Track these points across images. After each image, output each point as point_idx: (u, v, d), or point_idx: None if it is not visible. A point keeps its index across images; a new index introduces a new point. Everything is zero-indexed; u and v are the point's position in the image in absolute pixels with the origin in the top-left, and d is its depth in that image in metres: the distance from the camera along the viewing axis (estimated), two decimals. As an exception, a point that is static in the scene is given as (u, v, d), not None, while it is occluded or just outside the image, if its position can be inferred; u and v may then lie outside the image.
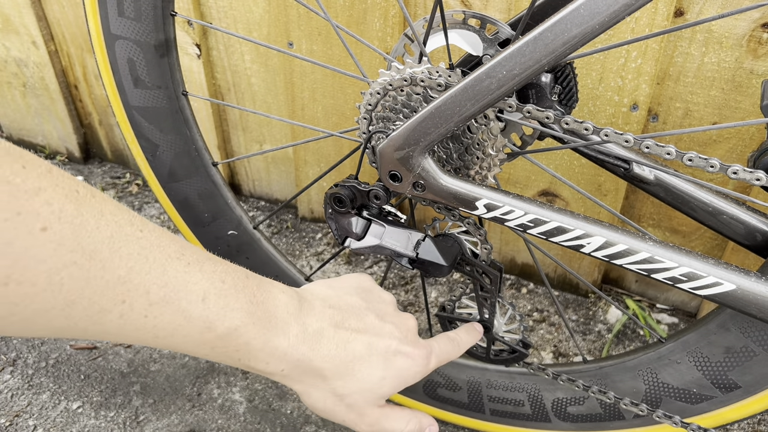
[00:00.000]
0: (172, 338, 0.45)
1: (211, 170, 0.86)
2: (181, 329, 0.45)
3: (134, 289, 0.41)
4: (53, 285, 0.36)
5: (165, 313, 0.43)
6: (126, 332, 0.42)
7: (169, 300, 0.43)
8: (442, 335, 0.65)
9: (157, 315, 0.43)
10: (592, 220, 0.55)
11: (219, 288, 0.47)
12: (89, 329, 0.40)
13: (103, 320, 0.40)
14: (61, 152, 1.54)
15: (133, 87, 0.78)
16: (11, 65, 1.42)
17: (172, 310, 0.43)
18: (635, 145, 0.51)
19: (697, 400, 0.68)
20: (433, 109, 0.54)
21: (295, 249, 1.28)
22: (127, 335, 0.43)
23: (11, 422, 0.92)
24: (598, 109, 0.92)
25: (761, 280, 0.51)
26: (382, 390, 0.56)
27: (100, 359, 1.02)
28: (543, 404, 0.80)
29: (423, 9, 0.97)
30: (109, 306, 0.40)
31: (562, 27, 0.47)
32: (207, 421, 0.93)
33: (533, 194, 1.06)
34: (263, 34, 1.12)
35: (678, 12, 0.83)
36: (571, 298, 1.16)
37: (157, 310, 0.43)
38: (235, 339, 0.48)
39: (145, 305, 0.42)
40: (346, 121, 1.13)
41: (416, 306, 1.14)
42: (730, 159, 0.91)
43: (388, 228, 0.63)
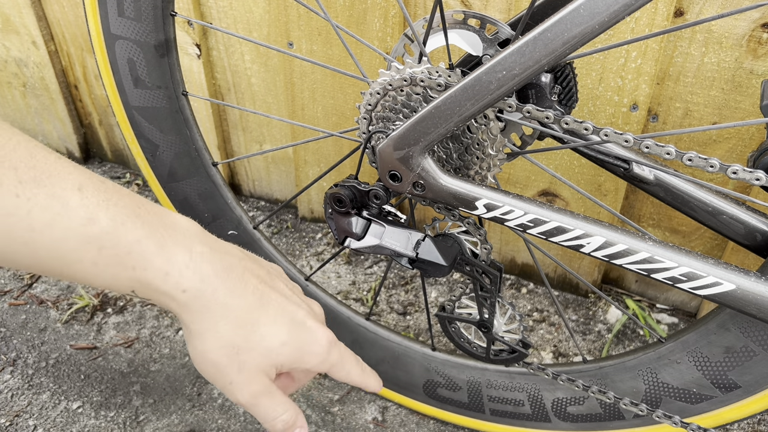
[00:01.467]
0: (50, 231, 0.40)
1: (211, 170, 0.86)
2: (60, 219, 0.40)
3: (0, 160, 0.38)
4: None
5: (38, 195, 0.39)
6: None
7: (40, 182, 0.40)
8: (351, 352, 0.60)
9: (30, 197, 0.39)
10: (591, 220, 0.55)
11: (97, 185, 0.43)
12: None
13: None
14: (61, 152, 1.54)
15: (133, 87, 0.78)
16: (11, 65, 1.42)
17: (45, 194, 0.40)
18: (635, 145, 0.51)
19: (697, 400, 0.68)
20: (432, 109, 0.55)
21: (295, 249, 1.28)
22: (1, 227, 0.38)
23: (11, 422, 0.92)
24: (597, 109, 0.92)
25: (761, 280, 0.51)
26: (279, 357, 0.51)
27: (100, 359, 1.02)
28: (543, 404, 0.80)
29: (423, 9, 0.97)
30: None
31: (561, 27, 0.47)
32: (207, 421, 0.93)
33: (533, 194, 1.06)
34: (263, 34, 1.12)
35: (678, 12, 0.83)
36: (571, 298, 1.16)
37: (29, 191, 0.39)
38: (124, 235, 0.43)
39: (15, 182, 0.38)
40: (346, 121, 1.13)
41: (416, 306, 1.14)
42: (730, 159, 0.91)
43: (388, 228, 0.63)
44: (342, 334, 0.91)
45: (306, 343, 0.53)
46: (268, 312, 0.51)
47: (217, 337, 0.49)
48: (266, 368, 0.52)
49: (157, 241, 0.45)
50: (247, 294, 0.50)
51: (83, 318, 1.10)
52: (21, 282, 1.17)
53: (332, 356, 0.56)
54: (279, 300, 0.53)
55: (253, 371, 0.51)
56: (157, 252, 0.45)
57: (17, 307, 1.12)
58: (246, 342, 0.50)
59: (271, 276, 0.55)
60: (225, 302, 0.48)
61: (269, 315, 0.51)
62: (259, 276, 0.52)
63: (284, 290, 0.55)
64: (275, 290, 0.53)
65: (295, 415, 0.55)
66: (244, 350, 0.50)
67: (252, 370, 0.51)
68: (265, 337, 0.51)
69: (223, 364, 0.49)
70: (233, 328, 0.49)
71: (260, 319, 0.50)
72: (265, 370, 0.51)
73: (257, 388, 0.51)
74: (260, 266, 0.55)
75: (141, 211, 0.45)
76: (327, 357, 0.55)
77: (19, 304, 1.13)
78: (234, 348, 0.49)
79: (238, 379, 0.50)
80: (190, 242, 0.47)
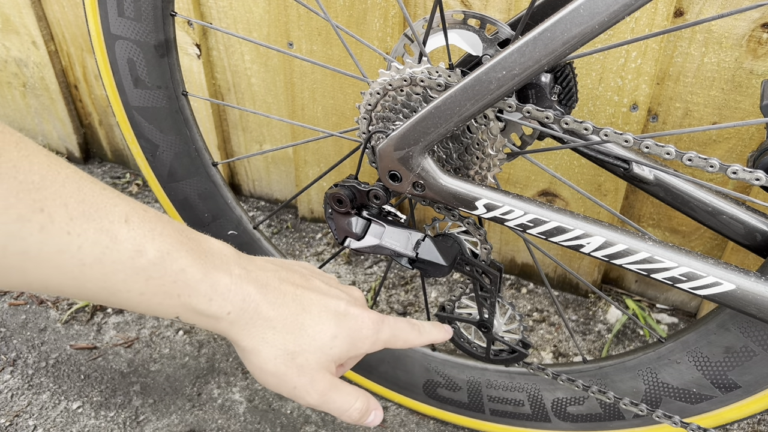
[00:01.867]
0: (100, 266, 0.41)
1: (211, 170, 0.86)
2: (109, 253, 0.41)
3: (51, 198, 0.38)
4: None
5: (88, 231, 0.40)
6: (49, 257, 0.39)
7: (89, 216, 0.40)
8: (399, 317, 0.62)
9: (80, 233, 0.39)
10: (591, 220, 0.55)
11: (141, 214, 0.44)
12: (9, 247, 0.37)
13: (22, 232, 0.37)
14: (61, 152, 1.54)
15: (133, 87, 0.78)
16: (11, 65, 1.42)
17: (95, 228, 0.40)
18: (635, 145, 0.51)
19: (697, 399, 0.68)
20: (432, 109, 0.55)
21: (295, 249, 1.28)
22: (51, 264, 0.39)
23: (11, 422, 0.92)
24: (597, 109, 0.92)
25: (761, 280, 0.51)
26: (333, 351, 0.53)
27: (100, 359, 1.02)
28: (543, 404, 0.80)
29: (423, 9, 0.97)
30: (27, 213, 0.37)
31: (561, 27, 0.47)
32: (207, 421, 0.93)
33: (533, 194, 1.06)
34: (263, 34, 1.12)
35: (678, 12, 0.83)
36: (571, 298, 1.16)
37: (79, 227, 0.39)
38: (170, 265, 0.44)
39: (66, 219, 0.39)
40: (346, 121, 1.13)
41: (416, 306, 1.14)
42: (730, 159, 0.91)
43: (388, 228, 0.63)
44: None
45: (354, 330, 0.55)
46: (312, 312, 0.53)
47: (269, 348, 0.50)
48: (325, 364, 0.53)
49: (201, 267, 0.46)
50: (287, 303, 0.51)
51: (83, 318, 1.10)
52: (21, 282, 1.17)
53: (383, 334, 0.57)
54: (318, 298, 0.54)
55: (313, 371, 0.52)
56: (202, 279, 0.46)
57: (17, 307, 1.12)
58: (298, 345, 0.51)
59: (305, 277, 0.56)
60: (268, 315, 0.50)
61: (313, 315, 0.52)
62: (294, 282, 0.54)
63: (321, 287, 0.56)
64: (312, 290, 0.55)
65: (366, 400, 0.56)
66: (298, 353, 0.51)
67: (312, 370, 0.52)
68: (315, 336, 0.52)
69: (282, 371, 0.51)
70: (282, 335, 0.50)
71: (305, 321, 0.52)
72: (324, 366, 0.53)
73: (322, 385, 0.52)
74: (293, 271, 0.56)
75: (183, 238, 0.46)
76: (378, 337, 0.56)
77: (19, 304, 1.13)
78: (288, 354, 0.51)
79: (300, 382, 0.52)
80: (228, 266, 0.49)
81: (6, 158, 0.36)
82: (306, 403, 0.53)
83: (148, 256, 0.43)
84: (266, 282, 0.51)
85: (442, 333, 0.65)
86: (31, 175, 0.38)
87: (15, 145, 0.38)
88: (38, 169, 0.38)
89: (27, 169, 0.38)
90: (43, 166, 0.39)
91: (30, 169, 0.38)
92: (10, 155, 0.37)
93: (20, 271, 0.39)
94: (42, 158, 0.39)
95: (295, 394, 0.52)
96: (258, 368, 0.51)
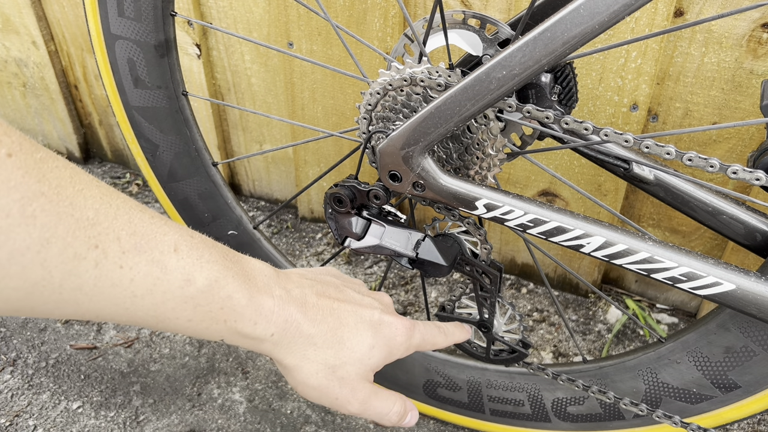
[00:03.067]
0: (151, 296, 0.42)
1: (211, 170, 0.86)
2: (160, 284, 0.42)
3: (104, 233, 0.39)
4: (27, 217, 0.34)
5: (140, 263, 0.41)
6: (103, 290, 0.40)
7: (141, 249, 0.41)
8: (428, 321, 0.64)
9: (132, 266, 0.41)
10: (591, 220, 0.55)
11: (189, 241, 0.45)
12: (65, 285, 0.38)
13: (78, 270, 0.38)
14: (62, 152, 1.54)
15: (133, 87, 0.78)
16: (11, 65, 1.42)
17: (146, 260, 0.41)
18: (635, 145, 0.51)
19: (697, 399, 0.68)
20: (432, 109, 0.55)
21: (295, 249, 1.28)
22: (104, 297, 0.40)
23: (11, 422, 0.92)
24: (597, 109, 0.92)
25: (761, 280, 0.51)
26: (371, 360, 0.55)
27: (100, 359, 1.02)
28: (543, 404, 0.80)
29: (423, 9, 0.97)
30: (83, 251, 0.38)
31: (561, 27, 0.47)
32: (207, 421, 0.93)
33: (533, 194, 1.06)
34: (263, 34, 1.12)
35: (678, 12, 0.83)
36: (571, 298, 1.16)
37: (131, 260, 0.40)
38: (217, 292, 0.46)
39: (119, 253, 0.40)
40: (346, 121, 1.13)
41: (416, 306, 1.14)
42: (730, 159, 0.91)
43: (388, 228, 0.63)
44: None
45: (390, 339, 0.56)
46: (349, 325, 0.54)
47: (310, 364, 0.52)
48: (364, 374, 0.55)
49: (246, 293, 0.48)
50: (326, 318, 0.53)
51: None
52: (21, 282, 1.17)
53: (414, 340, 0.59)
54: (353, 309, 0.56)
55: (354, 381, 0.54)
56: (247, 304, 0.48)
57: (17, 307, 1.12)
58: (338, 359, 0.53)
59: (339, 289, 0.58)
60: (309, 333, 0.52)
61: (350, 327, 0.54)
62: (329, 295, 0.56)
63: (355, 297, 0.58)
64: (348, 301, 0.56)
65: (403, 403, 0.58)
66: (338, 367, 0.53)
67: (352, 381, 0.54)
68: (353, 348, 0.54)
69: (324, 385, 0.53)
70: (323, 351, 0.52)
71: (344, 335, 0.54)
72: (363, 376, 0.55)
73: (363, 394, 0.55)
74: (327, 284, 0.58)
75: (228, 263, 0.48)
76: (411, 342, 0.58)
77: (19, 304, 1.13)
78: (329, 368, 0.53)
79: (342, 393, 0.54)
80: (270, 288, 0.51)
81: (63, 195, 0.37)
82: (348, 412, 0.55)
83: (197, 284, 0.44)
84: (305, 300, 0.53)
85: (465, 333, 0.69)
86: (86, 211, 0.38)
87: (70, 180, 0.38)
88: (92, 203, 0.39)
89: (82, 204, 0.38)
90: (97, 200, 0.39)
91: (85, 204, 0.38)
92: (66, 192, 0.37)
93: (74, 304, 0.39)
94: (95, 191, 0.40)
95: (337, 404, 0.54)
96: (301, 383, 0.53)
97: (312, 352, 0.52)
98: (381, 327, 0.56)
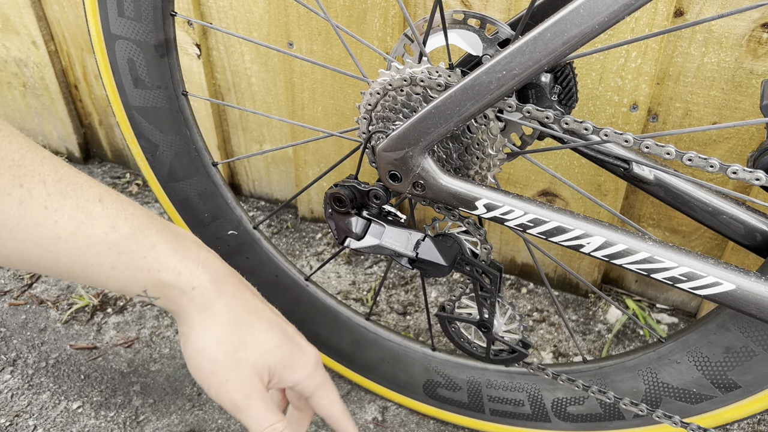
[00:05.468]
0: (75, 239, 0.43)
1: (211, 170, 0.86)
2: (84, 228, 0.44)
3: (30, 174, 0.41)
4: None
5: (65, 207, 0.43)
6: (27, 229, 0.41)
7: (66, 194, 0.43)
8: None
9: (57, 208, 0.42)
10: (591, 220, 0.55)
11: (114, 197, 0.47)
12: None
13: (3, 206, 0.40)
14: (62, 152, 1.54)
15: (133, 87, 0.78)
16: (11, 65, 1.42)
17: (71, 205, 0.43)
18: (635, 144, 0.51)
19: (697, 399, 0.68)
20: (432, 108, 0.55)
21: (295, 249, 1.28)
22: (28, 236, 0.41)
23: (11, 422, 0.92)
24: (597, 109, 0.92)
25: (761, 280, 0.51)
26: (272, 359, 0.53)
27: (100, 359, 1.02)
28: (543, 404, 0.80)
29: (423, 9, 0.97)
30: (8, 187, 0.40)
31: (561, 27, 0.47)
32: (207, 421, 0.93)
33: (533, 194, 1.06)
34: (263, 34, 1.12)
35: (678, 12, 0.83)
36: (571, 298, 1.16)
37: (56, 203, 0.42)
38: (142, 240, 0.47)
39: (44, 195, 0.42)
40: (346, 121, 1.13)
41: (416, 306, 1.14)
42: (730, 159, 0.91)
43: (388, 228, 0.63)
44: (342, 334, 0.91)
45: (296, 353, 0.56)
46: (262, 318, 0.54)
47: (216, 332, 0.51)
48: (260, 369, 0.53)
49: (171, 245, 0.49)
50: (246, 298, 0.53)
51: (83, 318, 1.10)
52: (21, 282, 1.17)
53: (318, 375, 0.57)
54: (270, 313, 0.56)
55: (248, 370, 0.52)
56: (171, 254, 0.49)
57: (17, 307, 1.12)
58: (243, 341, 0.52)
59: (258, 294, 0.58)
60: (228, 302, 0.51)
61: (263, 321, 0.54)
62: (252, 289, 0.56)
63: (274, 309, 0.59)
64: (266, 305, 0.57)
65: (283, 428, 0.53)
66: (240, 348, 0.51)
67: (248, 369, 0.52)
68: (260, 338, 0.53)
69: (221, 360, 0.51)
70: (233, 326, 0.51)
71: (255, 322, 0.53)
72: (259, 371, 0.52)
73: (250, 389, 0.52)
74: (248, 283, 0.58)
75: (154, 220, 0.49)
76: (315, 372, 0.57)
77: (19, 304, 1.13)
78: (232, 345, 0.51)
79: (234, 376, 0.51)
80: (197, 248, 0.51)
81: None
82: (229, 400, 0.51)
83: (121, 231, 0.46)
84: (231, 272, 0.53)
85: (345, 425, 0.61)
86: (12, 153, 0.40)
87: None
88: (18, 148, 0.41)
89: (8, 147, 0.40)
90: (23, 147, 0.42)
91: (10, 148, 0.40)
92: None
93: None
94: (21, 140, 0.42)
95: (223, 388, 0.51)
96: (197, 350, 0.51)
97: (224, 321, 0.51)
98: (293, 339, 0.56)
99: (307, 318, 0.92)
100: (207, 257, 0.51)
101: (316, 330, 0.92)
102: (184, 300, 0.50)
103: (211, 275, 0.50)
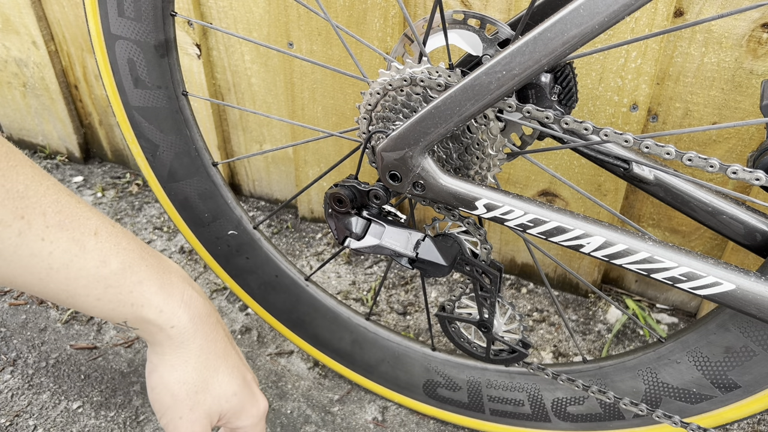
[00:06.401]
0: (66, 271, 0.45)
1: (211, 170, 0.86)
2: (77, 261, 0.45)
3: (31, 206, 0.42)
4: None
5: (61, 239, 0.44)
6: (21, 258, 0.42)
7: (64, 226, 0.44)
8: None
9: (53, 240, 0.44)
10: (591, 220, 0.55)
11: (110, 229, 0.48)
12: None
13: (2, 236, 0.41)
14: (61, 152, 1.54)
15: (133, 87, 0.78)
16: (11, 65, 1.42)
17: (67, 238, 0.45)
18: (635, 145, 0.51)
19: (697, 399, 0.68)
20: (432, 109, 0.55)
21: (295, 249, 1.28)
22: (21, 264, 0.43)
23: (11, 422, 0.92)
24: (597, 109, 0.92)
25: (761, 280, 0.51)
26: (226, 405, 0.56)
27: (100, 359, 1.02)
28: (543, 404, 0.80)
29: (423, 9, 0.97)
30: (9, 219, 0.41)
31: (561, 27, 0.47)
32: (207, 421, 0.93)
33: (533, 194, 1.06)
34: (263, 34, 1.12)
35: (678, 12, 0.83)
36: (571, 298, 1.16)
37: (53, 235, 0.44)
38: (129, 276, 0.48)
39: (42, 227, 0.43)
40: (346, 121, 1.13)
41: (416, 306, 1.14)
42: (730, 159, 0.91)
43: (388, 228, 0.63)
44: (342, 334, 0.91)
45: (249, 402, 0.58)
46: (228, 364, 0.56)
47: (184, 371, 0.53)
48: (213, 413, 0.56)
49: (157, 281, 0.51)
50: (218, 342, 0.55)
51: (83, 318, 1.10)
52: (21, 282, 1.17)
53: (260, 426, 0.60)
54: (236, 358, 0.58)
55: (202, 413, 0.55)
56: (157, 291, 0.51)
57: (17, 307, 1.12)
58: (205, 384, 0.54)
59: (230, 335, 0.60)
60: (201, 344, 0.54)
61: (228, 366, 0.56)
62: (225, 331, 0.58)
63: (239, 352, 0.61)
64: (234, 349, 0.59)
65: None
66: (201, 391, 0.54)
67: (201, 412, 0.55)
68: (222, 384, 0.56)
69: (181, 398, 0.53)
70: (200, 369, 0.54)
71: (221, 367, 0.55)
72: (211, 415, 0.56)
73: (199, 430, 0.55)
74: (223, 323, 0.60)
75: (144, 254, 0.51)
76: (259, 422, 0.60)
77: (20, 304, 1.13)
78: (194, 386, 0.54)
79: (188, 416, 0.54)
80: (182, 285, 0.53)
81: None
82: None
83: (111, 266, 0.47)
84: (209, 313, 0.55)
85: None
86: (17, 185, 0.42)
87: (5, 156, 0.41)
88: (23, 179, 0.42)
89: (14, 178, 0.42)
90: (29, 177, 0.43)
91: (16, 179, 0.42)
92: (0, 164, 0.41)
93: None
94: (27, 170, 0.43)
95: (175, 424, 0.54)
96: (162, 383, 0.53)
97: (193, 363, 0.53)
98: (249, 388, 0.58)
99: (307, 318, 0.92)
100: (191, 296, 0.53)
101: (316, 330, 0.92)
102: (162, 335, 0.52)
103: (191, 315, 0.53)
